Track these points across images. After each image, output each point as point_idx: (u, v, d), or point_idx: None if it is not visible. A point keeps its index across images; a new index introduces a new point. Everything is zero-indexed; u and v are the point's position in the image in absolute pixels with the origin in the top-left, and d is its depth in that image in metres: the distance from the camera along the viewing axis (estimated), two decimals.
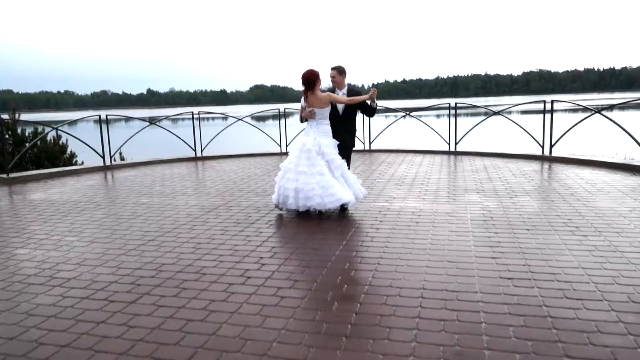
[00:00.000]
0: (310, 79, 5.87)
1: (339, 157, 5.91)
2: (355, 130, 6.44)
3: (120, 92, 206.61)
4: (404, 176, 8.56)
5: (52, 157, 13.48)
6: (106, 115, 11.08)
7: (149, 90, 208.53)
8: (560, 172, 8.46)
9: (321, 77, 5.95)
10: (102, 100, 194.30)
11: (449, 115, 11.62)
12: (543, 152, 10.19)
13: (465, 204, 6.31)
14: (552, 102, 10.01)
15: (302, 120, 6.12)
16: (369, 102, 6.12)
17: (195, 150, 12.31)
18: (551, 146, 9.97)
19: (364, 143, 12.35)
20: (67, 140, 13.78)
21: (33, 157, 13.48)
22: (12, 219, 6.31)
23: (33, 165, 13.49)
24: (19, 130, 13.32)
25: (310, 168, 5.77)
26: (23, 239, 5.34)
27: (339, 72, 6.21)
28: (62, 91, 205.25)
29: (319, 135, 5.92)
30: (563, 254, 4.26)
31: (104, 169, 10.79)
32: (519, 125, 10.79)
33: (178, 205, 6.80)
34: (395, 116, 17.26)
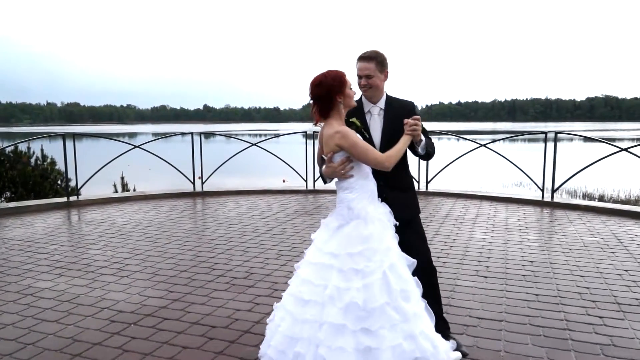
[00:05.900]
0: (319, 89, 2.53)
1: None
2: (407, 179, 3.02)
3: (179, 107, 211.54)
4: (484, 252, 5.21)
5: (29, 182, 11.00)
6: (73, 135, 8.38)
7: (205, 106, 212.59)
8: None
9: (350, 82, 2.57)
10: (162, 114, 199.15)
11: (545, 148, 8.03)
12: None
13: None
14: None
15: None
16: (417, 146, 2.74)
17: (194, 182, 9.41)
18: None
19: (418, 182, 9.02)
20: (52, 161, 11.29)
21: (7, 182, 11.04)
22: None
23: (13, 195, 11.07)
24: None
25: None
26: None
27: (380, 63, 2.80)
28: (124, 105, 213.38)
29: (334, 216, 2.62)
30: None
31: (66, 206, 8.05)
32: None
33: (80, 305, 3.80)
34: (453, 139, 13.93)
